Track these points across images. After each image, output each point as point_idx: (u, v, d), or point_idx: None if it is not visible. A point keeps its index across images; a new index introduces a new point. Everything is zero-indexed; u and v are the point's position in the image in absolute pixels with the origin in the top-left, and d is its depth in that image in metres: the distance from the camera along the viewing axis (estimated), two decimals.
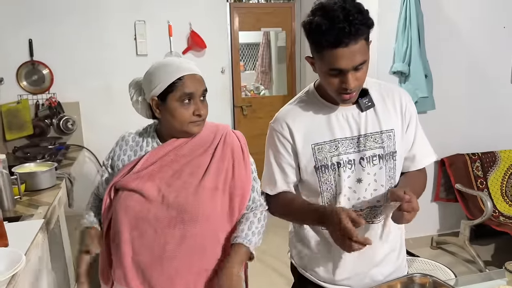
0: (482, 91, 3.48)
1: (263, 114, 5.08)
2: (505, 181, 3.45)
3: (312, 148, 1.28)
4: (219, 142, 1.31)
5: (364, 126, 1.28)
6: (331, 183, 1.29)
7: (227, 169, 1.28)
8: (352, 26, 1.07)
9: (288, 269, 1.56)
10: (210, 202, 1.23)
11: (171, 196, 1.22)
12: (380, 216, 1.33)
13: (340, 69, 1.13)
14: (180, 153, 1.27)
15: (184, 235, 1.21)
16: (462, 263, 3.27)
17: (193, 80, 1.24)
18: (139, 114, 1.39)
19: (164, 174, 1.24)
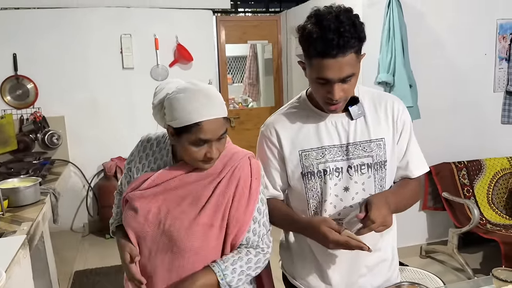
0: (466, 100, 3.53)
1: (251, 125, 5.10)
2: (491, 189, 3.49)
3: (299, 154, 1.28)
4: (226, 175, 1.21)
5: (353, 135, 1.27)
6: (317, 190, 1.28)
7: (226, 205, 1.19)
8: (341, 38, 1.06)
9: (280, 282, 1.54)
10: (202, 239, 1.17)
11: (167, 224, 1.19)
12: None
13: (327, 79, 1.14)
14: (186, 180, 1.21)
15: (173, 263, 1.19)
16: (451, 272, 3.27)
17: (213, 126, 1.12)
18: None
19: (167, 196, 1.21)
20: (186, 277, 1.19)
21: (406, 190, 1.35)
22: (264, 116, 5.18)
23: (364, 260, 1.34)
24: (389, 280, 1.40)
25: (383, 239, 1.36)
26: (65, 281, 3.11)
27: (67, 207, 4.10)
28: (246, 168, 1.23)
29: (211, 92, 1.15)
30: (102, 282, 3.16)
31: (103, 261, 3.51)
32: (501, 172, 3.54)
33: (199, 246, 1.17)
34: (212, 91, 1.16)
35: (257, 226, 1.24)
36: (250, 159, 1.25)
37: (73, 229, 4.22)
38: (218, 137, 1.14)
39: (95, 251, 3.82)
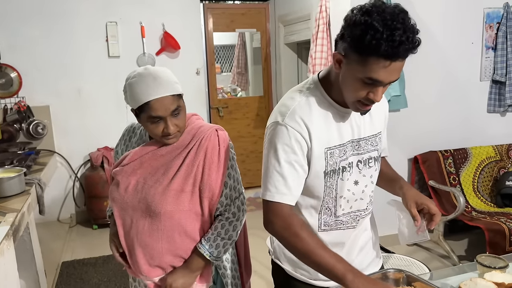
0: (453, 89, 3.56)
1: (240, 115, 5.08)
2: (477, 177, 3.54)
3: (325, 152, 1.20)
4: (193, 146, 1.34)
5: (363, 130, 1.27)
6: (333, 187, 1.24)
7: (196, 173, 1.33)
8: (409, 43, 1.02)
9: (267, 270, 1.52)
10: (174, 202, 1.33)
11: (143, 192, 1.35)
12: (367, 211, 1.34)
13: (378, 81, 1.06)
14: (159, 153, 1.36)
15: (151, 227, 1.35)
16: (437, 259, 3.33)
17: (161, 104, 1.26)
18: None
19: (144, 170, 1.36)
20: (181, 266, 1.39)
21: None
22: (253, 105, 5.20)
23: (358, 241, 1.36)
24: (375, 258, 1.43)
25: (368, 218, 1.38)
26: (52, 272, 3.08)
27: (53, 197, 4.06)
28: (214, 138, 1.36)
29: (158, 74, 1.28)
30: (90, 273, 3.14)
31: (90, 251, 3.49)
32: (486, 160, 3.58)
33: (172, 210, 1.33)
34: (160, 73, 1.29)
35: (228, 190, 1.38)
36: (217, 131, 1.38)
37: (60, 220, 4.18)
38: (170, 113, 1.27)
39: (83, 242, 3.80)
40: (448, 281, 1.34)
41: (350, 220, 1.30)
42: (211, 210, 1.37)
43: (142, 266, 1.39)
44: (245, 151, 5.03)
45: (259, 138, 5.03)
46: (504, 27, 3.53)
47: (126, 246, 1.41)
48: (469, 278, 1.26)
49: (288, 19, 4.70)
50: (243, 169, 4.92)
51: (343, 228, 1.30)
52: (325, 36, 3.42)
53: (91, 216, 4.04)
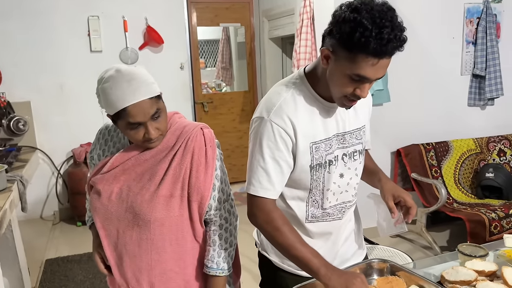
0: (434, 83, 3.61)
1: (225, 110, 5.07)
2: (458, 169, 3.61)
3: (310, 146, 1.22)
4: (179, 148, 1.25)
5: (348, 124, 1.29)
6: (321, 180, 1.26)
7: (184, 176, 1.24)
8: (397, 41, 1.03)
9: (253, 264, 1.53)
10: (164, 209, 1.24)
11: (129, 201, 1.25)
12: (352, 202, 1.37)
13: (366, 78, 1.08)
14: (142, 158, 1.26)
15: (140, 238, 1.26)
16: (420, 249, 3.39)
17: (139, 109, 1.15)
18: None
19: (128, 176, 1.27)
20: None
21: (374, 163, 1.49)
22: (238, 100, 5.19)
23: (344, 232, 1.38)
24: (359, 248, 1.46)
25: (352, 209, 1.40)
26: (36, 270, 3.04)
27: (36, 195, 4.00)
28: (199, 138, 1.26)
29: (133, 76, 1.16)
30: (75, 270, 3.11)
31: (75, 248, 3.45)
32: (467, 153, 3.66)
33: (162, 217, 1.23)
34: (134, 75, 1.17)
35: (217, 192, 1.29)
36: (202, 129, 1.29)
37: (43, 217, 4.13)
38: (150, 117, 1.17)
39: (67, 239, 3.76)
40: (430, 270, 1.38)
41: (336, 212, 1.32)
42: (200, 214, 1.28)
43: (130, 279, 1.29)
44: (231, 146, 5.02)
45: (244, 133, 5.04)
46: (483, 22, 3.60)
47: (113, 257, 1.31)
48: (451, 266, 1.29)
49: (272, 13, 4.70)
50: (228, 164, 4.92)
51: (330, 220, 1.32)
52: (309, 31, 3.43)
53: (75, 213, 3.99)
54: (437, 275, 1.31)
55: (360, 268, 1.30)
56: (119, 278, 1.31)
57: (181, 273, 1.30)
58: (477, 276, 1.21)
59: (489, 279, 1.24)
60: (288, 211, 1.30)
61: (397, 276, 1.27)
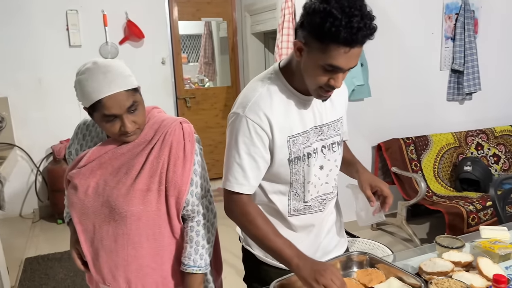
0: (414, 78, 3.67)
1: (207, 106, 5.05)
2: (437, 163, 3.68)
3: (287, 140, 1.23)
4: (157, 141, 1.24)
5: (325, 116, 1.29)
6: (301, 173, 1.27)
7: (161, 170, 1.23)
8: (367, 29, 1.04)
9: (236, 259, 1.53)
10: (140, 203, 1.22)
11: (105, 195, 1.24)
12: (332, 194, 1.38)
13: (339, 68, 1.09)
14: (119, 151, 1.25)
15: (117, 233, 1.25)
16: (400, 242, 3.45)
17: (114, 101, 1.14)
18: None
19: (104, 170, 1.25)
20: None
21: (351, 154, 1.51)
22: (221, 96, 5.17)
23: (326, 224, 1.40)
24: (341, 240, 1.48)
25: (333, 201, 1.42)
26: (15, 269, 2.99)
27: (14, 192, 3.92)
28: (178, 132, 1.26)
29: (109, 68, 1.16)
30: (55, 268, 3.07)
31: (55, 246, 3.40)
32: (446, 147, 3.73)
33: (139, 211, 1.22)
34: (111, 67, 1.17)
35: (194, 187, 1.28)
36: (182, 123, 1.28)
37: (22, 215, 4.05)
38: (126, 110, 1.17)
39: (47, 237, 3.70)
40: (409, 262, 1.40)
41: (317, 204, 1.34)
42: (178, 209, 1.27)
43: (106, 275, 1.28)
44: (214, 142, 5.01)
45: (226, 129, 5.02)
46: (462, 18, 3.67)
47: (89, 253, 1.30)
48: (429, 258, 1.32)
49: (254, 8, 4.69)
50: (211, 160, 4.91)
51: (312, 212, 1.34)
52: (291, 26, 3.43)
53: (55, 210, 3.93)
54: (415, 266, 1.33)
55: (340, 261, 1.31)
56: (96, 274, 1.31)
57: (158, 269, 1.30)
58: (453, 267, 1.24)
59: (465, 269, 1.27)
60: (270, 206, 1.31)
61: (377, 268, 1.29)
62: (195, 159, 1.28)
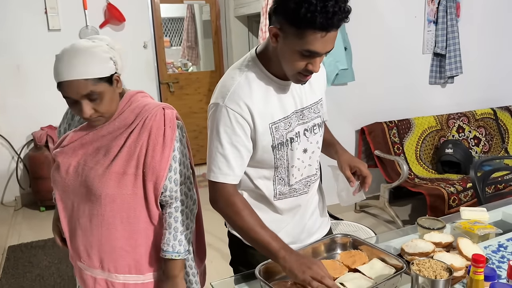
0: (397, 61, 3.69)
1: (191, 90, 5.00)
2: (419, 146, 3.74)
3: (269, 127, 1.23)
4: (137, 126, 1.25)
5: (305, 99, 1.30)
6: (285, 158, 1.28)
7: (139, 154, 1.24)
8: (342, 13, 1.04)
9: (222, 243, 1.54)
10: (115, 186, 1.24)
11: (84, 175, 1.26)
12: (316, 176, 1.40)
13: (316, 52, 1.09)
14: (100, 133, 1.26)
15: (92, 213, 1.27)
16: (383, 224, 3.52)
17: (70, 87, 1.14)
18: None
19: (86, 151, 1.28)
20: (165, 283, 1.32)
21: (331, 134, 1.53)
22: (204, 80, 5.12)
23: (310, 206, 1.42)
24: (324, 220, 1.50)
25: (317, 182, 1.44)
26: None
27: None
28: (159, 117, 1.26)
29: (79, 53, 1.15)
30: (39, 255, 3.05)
31: (38, 234, 3.37)
32: (428, 130, 3.79)
33: (113, 193, 1.24)
34: (82, 52, 1.15)
35: (173, 174, 1.28)
36: (164, 109, 1.28)
37: (4, 203, 3.99)
38: (83, 97, 1.15)
39: (30, 225, 3.65)
40: (391, 243, 1.43)
41: (302, 186, 1.35)
42: (156, 195, 1.27)
43: (82, 252, 1.32)
44: (198, 127, 4.98)
45: None
46: (444, 2, 3.68)
47: (68, 230, 1.34)
48: (411, 239, 1.34)
49: None
50: (196, 145, 4.89)
51: (297, 195, 1.35)
52: None
53: (38, 198, 3.88)
54: (397, 248, 1.36)
55: (324, 243, 1.34)
56: (72, 251, 1.35)
57: (132, 252, 1.30)
58: (434, 248, 1.27)
59: (445, 250, 1.30)
60: (256, 192, 1.32)
61: (360, 250, 1.32)
62: (175, 145, 1.28)
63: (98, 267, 1.31)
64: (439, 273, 1.05)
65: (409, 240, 1.34)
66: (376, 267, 1.21)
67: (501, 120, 4.12)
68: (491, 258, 1.31)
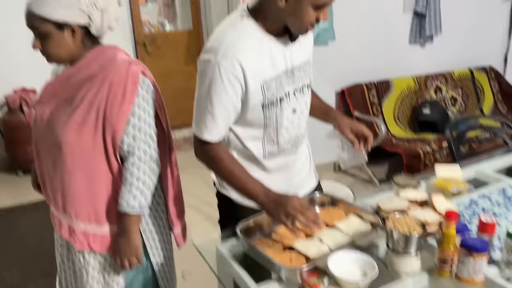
0: (377, 20, 3.65)
1: (169, 51, 4.87)
2: (397, 106, 3.78)
3: (261, 86, 1.23)
4: (100, 77, 1.27)
5: (295, 58, 1.30)
6: (273, 118, 1.29)
7: (99, 106, 1.26)
8: None
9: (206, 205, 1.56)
10: (75, 134, 1.27)
11: (52, 122, 1.31)
12: (304, 135, 1.43)
13: (327, 3, 1.16)
14: (68, 83, 1.30)
15: (55, 160, 1.32)
16: (361, 183, 3.60)
17: (25, 15, 1.23)
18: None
19: (55, 100, 1.32)
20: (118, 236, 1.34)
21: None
22: (182, 40, 4.98)
23: (297, 163, 1.45)
24: (312, 174, 1.55)
25: (304, 142, 1.47)
26: None
27: None
28: (123, 71, 1.27)
29: None
30: (20, 220, 3.03)
31: (17, 198, 3.33)
32: (406, 90, 3.82)
33: (73, 142, 1.28)
34: None
35: (132, 129, 1.29)
36: (130, 64, 1.29)
37: None
38: (31, 28, 1.23)
39: (8, 190, 3.60)
40: (368, 201, 1.47)
41: (290, 146, 1.38)
42: (114, 147, 1.29)
43: (50, 196, 1.40)
44: (177, 89, 4.89)
45: (191, 75, 4.86)
46: None
47: (40, 175, 1.41)
48: (387, 197, 1.38)
49: None
50: (175, 108, 4.79)
51: (286, 155, 1.38)
52: None
53: (15, 162, 3.80)
54: (374, 205, 1.40)
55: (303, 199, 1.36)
56: (45, 195, 1.43)
57: (91, 201, 1.33)
58: (409, 205, 1.31)
59: (420, 207, 1.34)
60: (245, 152, 1.34)
61: (337, 208, 1.35)
62: (136, 101, 1.28)
63: (62, 211, 1.37)
64: (413, 228, 1.09)
65: (385, 198, 1.38)
66: (353, 224, 1.25)
67: (478, 80, 4.18)
68: (463, 214, 1.37)
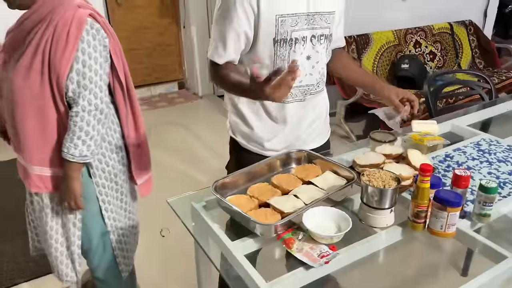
0: None
1: (142, 2, 4.63)
2: (377, 61, 3.74)
3: (276, 19, 1.23)
4: (48, 20, 1.25)
5: (320, 5, 1.28)
6: (285, 58, 1.29)
7: (44, 50, 1.25)
8: None
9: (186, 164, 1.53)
10: (23, 79, 1.28)
11: (6, 68, 1.32)
12: (317, 88, 1.41)
13: None
14: (21, 28, 1.30)
15: (10, 105, 1.33)
16: (339, 139, 3.62)
17: None
18: None
19: (11, 45, 1.33)
20: (62, 182, 1.37)
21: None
22: None
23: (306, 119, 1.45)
24: (323, 132, 1.57)
25: (318, 96, 1.47)
26: None
27: None
28: (68, 14, 1.25)
29: None
30: None
31: None
32: (386, 45, 3.77)
33: (22, 86, 1.28)
34: None
35: (75, 75, 1.28)
36: (79, 7, 1.28)
37: None
38: None
39: None
40: (344, 156, 1.47)
41: (298, 93, 1.37)
42: (60, 93, 1.29)
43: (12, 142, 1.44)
44: (151, 44, 4.70)
45: (165, 29, 4.69)
46: None
47: (4, 121, 1.44)
48: (363, 152, 1.37)
49: None
50: (150, 64, 4.66)
51: (292, 102, 1.37)
52: None
53: None
54: (349, 160, 1.39)
55: (280, 159, 1.34)
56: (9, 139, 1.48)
57: (42, 147, 1.36)
58: (385, 159, 1.31)
59: (395, 161, 1.34)
60: None
61: (314, 164, 1.33)
62: (80, 46, 1.26)
63: (20, 154, 1.41)
64: (388, 182, 1.08)
65: (361, 153, 1.36)
66: (328, 179, 1.24)
67: (457, 35, 4.15)
68: (438, 167, 1.37)
